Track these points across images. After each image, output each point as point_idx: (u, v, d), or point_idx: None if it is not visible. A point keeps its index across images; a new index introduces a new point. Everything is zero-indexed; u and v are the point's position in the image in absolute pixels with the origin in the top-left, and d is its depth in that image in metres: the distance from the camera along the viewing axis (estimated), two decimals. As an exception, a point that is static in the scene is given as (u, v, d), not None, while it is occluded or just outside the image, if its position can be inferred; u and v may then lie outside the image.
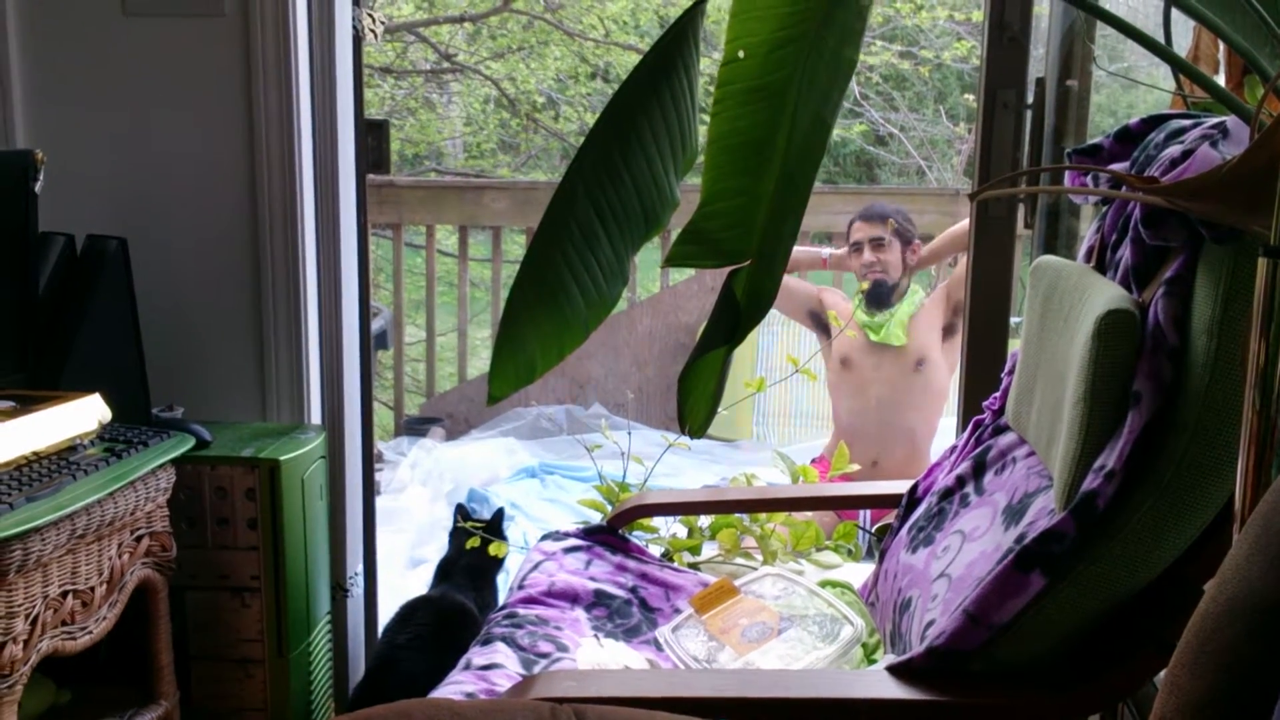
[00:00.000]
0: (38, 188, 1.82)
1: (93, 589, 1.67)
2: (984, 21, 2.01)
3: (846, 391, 3.49)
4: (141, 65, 2.11)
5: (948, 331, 3.46)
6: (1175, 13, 1.22)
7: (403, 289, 5.03)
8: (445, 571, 2.41)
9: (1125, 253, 1.34)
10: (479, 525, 2.37)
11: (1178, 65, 1.21)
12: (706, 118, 1.25)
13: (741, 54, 1.18)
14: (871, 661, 1.64)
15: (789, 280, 3.57)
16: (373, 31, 2.20)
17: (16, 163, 1.80)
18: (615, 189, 1.18)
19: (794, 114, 1.18)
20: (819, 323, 3.59)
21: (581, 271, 1.18)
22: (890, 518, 1.78)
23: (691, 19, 1.16)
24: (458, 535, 2.41)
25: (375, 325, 3.48)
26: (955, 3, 6.62)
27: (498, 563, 2.39)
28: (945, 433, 3.54)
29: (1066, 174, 1.60)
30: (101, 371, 1.91)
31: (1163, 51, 1.17)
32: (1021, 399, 1.50)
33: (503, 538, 2.39)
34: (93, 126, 2.14)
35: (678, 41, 1.17)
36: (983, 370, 2.06)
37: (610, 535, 1.97)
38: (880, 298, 3.41)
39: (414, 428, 4.67)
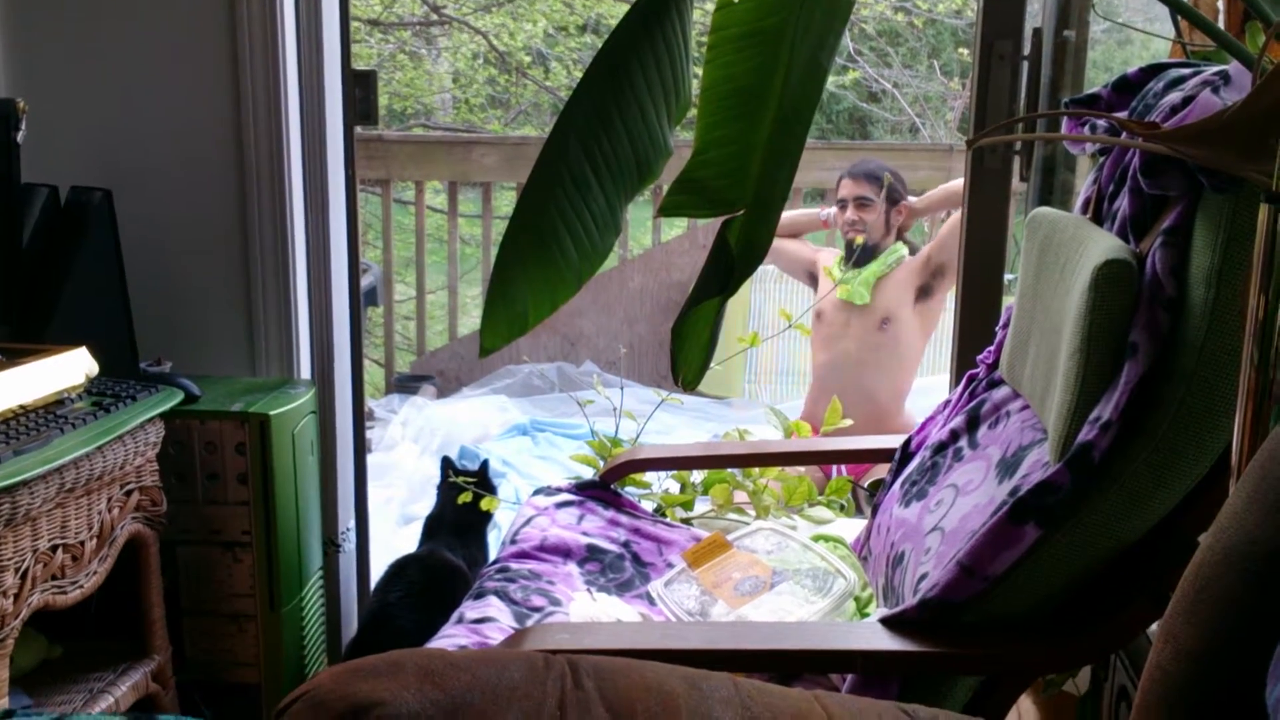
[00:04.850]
0: (20, 138, 1.79)
1: (83, 543, 1.66)
2: (981, -29, 1.98)
3: (820, 345, 3.49)
4: (125, 14, 2.08)
5: (922, 293, 3.40)
6: (1177, -42, 1.20)
7: (392, 246, 4.99)
8: (432, 528, 2.41)
9: (1123, 203, 1.33)
10: (470, 479, 2.36)
11: (1179, 9, 1.19)
12: (699, 70, 1.23)
13: (736, -2, 1.16)
14: (864, 615, 1.64)
15: (787, 245, 3.61)
16: (360, -20, 2.16)
17: (-2, 112, 1.78)
18: (608, 137, 1.16)
19: (789, 59, 1.16)
20: (815, 281, 3.62)
21: (574, 221, 1.16)
22: (876, 473, 1.78)
23: (685, -37, 1.14)
24: (445, 490, 2.40)
25: (364, 282, 3.43)
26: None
27: (486, 517, 2.39)
28: (920, 392, 3.54)
29: (1064, 124, 1.58)
30: (88, 325, 1.90)
31: (1165, -4, 1.16)
32: (1016, 352, 1.49)
33: (491, 488, 2.39)
34: (76, 76, 2.11)
35: (671, -14, 1.14)
36: (976, 324, 2.05)
37: (603, 490, 1.97)
38: (855, 257, 3.39)
39: (405, 385, 4.65)
